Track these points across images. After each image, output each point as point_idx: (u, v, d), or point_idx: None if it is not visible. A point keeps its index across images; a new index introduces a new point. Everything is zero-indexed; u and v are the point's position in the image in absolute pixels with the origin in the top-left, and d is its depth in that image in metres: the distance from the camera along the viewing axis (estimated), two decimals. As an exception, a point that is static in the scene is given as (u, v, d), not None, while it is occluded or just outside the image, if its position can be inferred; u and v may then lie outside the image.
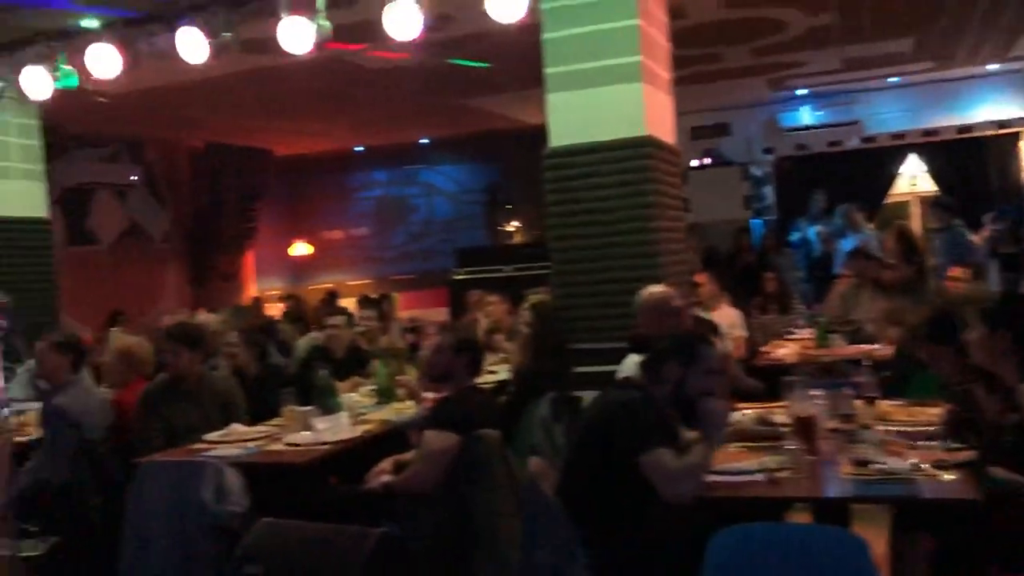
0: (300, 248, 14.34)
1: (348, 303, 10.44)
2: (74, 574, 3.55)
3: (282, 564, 2.79)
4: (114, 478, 4.24)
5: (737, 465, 2.88)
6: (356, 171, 14.34)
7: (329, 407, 4.30)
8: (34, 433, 4.49)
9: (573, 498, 2.77)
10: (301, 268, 14.48)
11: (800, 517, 2.73)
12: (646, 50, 4.62)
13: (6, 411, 2.46)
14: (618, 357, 4.14)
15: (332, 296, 11.32)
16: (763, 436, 3.20)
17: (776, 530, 2.30)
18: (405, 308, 10.79)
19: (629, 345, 4.03)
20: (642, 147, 4.55)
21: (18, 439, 4.25)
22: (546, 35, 4.71)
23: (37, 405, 4.64)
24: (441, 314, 10.58)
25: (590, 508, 2.75)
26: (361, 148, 13.63)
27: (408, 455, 3.82)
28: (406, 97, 9.74)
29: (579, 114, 4.62)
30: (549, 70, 4.71)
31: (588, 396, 4.43)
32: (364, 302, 9.19)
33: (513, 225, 13.15)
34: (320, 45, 5.07)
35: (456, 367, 3.71)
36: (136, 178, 11.52)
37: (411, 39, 4.90)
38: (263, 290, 13.25)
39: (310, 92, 8.96)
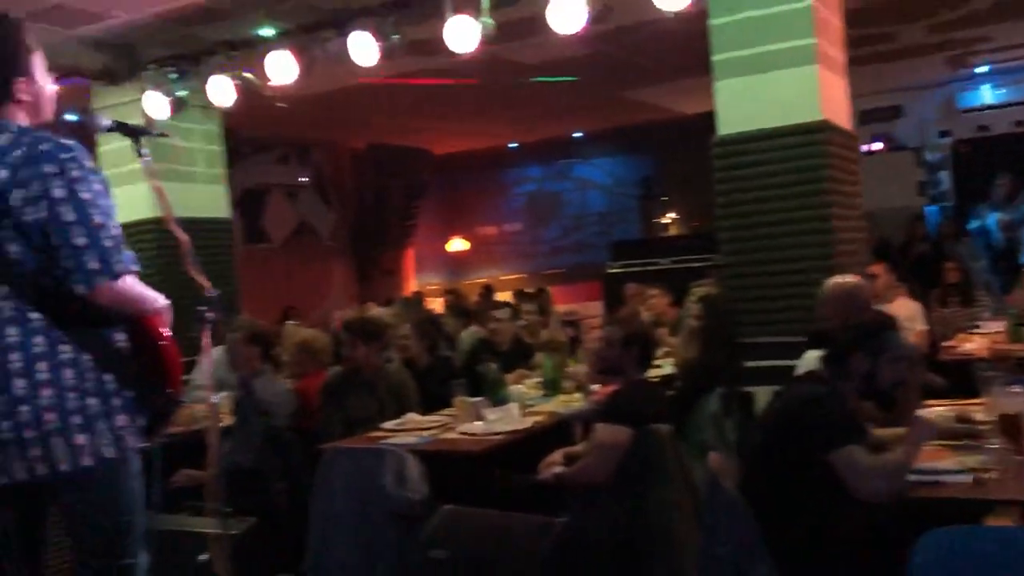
0: (457, 244, 14.67)
1: (503, 297, 10.59)
2: (266, 554, 3.75)
3: (465, 550, 2.86)
4: (297, 463, 4.48)
5: (936, 464, 2.71)
6: (510, 167, 14.52)
7: (499, 398, 4.37)
8: (225, 419, 4.78)
9: (757, 495, 2.69)
10: (458, 263, 14.81)
11: (996, 521, 2.55)
12: (820, 31, 4.43)
13: (216, 397, 2.63)
14: (790, 351, 4.00)
15: (488, 291, 11.53)
16: (961, 434, 3.00)
17: (993, 533, 2.15)
18: (559, 302, 10.82)
19: (809, 339, 3.87)
20: (818, 132, 4.37)
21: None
22: (713, 21, 4.60)
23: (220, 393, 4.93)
24: (596, 307, 10.56)
25: (775, 506, 2.66)
26: (515, 144, 13.79)
27: (578, 447, 3.82)
28: (562, 91, 9.77)
29: (750, 100, 4.49)
30: (717, 57, 4.60)
31: (759, 391, 4.33)
32: (521, 296, 9.30)
33: (669, 217, 12.96)
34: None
35: (626, 360, 3.68)
36: (307, 179, 12.11)
37: (574, 32, 4.90)
38: (422, 285, 13.65)
39: (469, 91, 9.12)
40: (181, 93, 6.43)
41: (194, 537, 3.28)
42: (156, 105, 6.38)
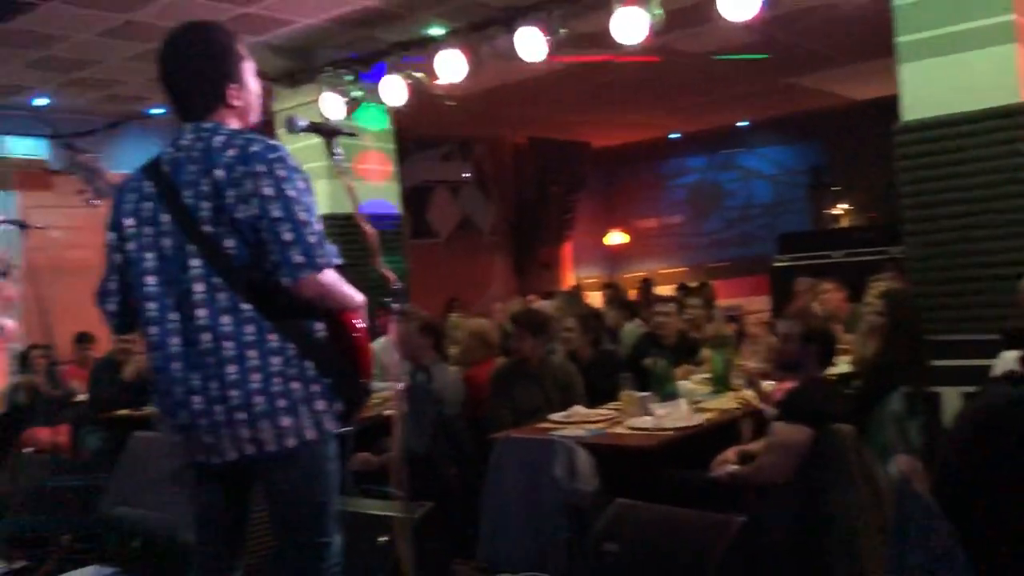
0: (615, 237, 14.60)
1: (662, 291, 10.45)
2: (441, 538, 3.86)
3: (638, 544, 2.85)
4: (468, 451, 4.60)
5: None
6: (671, 158, 14.31)
7: (667, 393, 4.32)
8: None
9: (953, 502, 2.54)
10: (616, 257, 14.74)
11: None
12: (1021, 6, 4.12)
13: (400, 384, 2.74)
14: (983, 350, 3.75)
15: (647, 284, 11.41)
16: None
17: None
18: (721, 296, 10.58)
19: (1004, 338, 3.62)
20: (1017, 116, 4.07)
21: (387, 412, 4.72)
22: (897, 1, 4.37)
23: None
24: (760, 302, 10.25)
25: (976, 514, 2.50)
26: (677, 135, 13.58)
27: (752, 445, 3.73)
28: (727, 79, 9.53)
29: (938, 83, 4.23)
30: (901, 38, 4.36)
31: (947, 392, 4.09)
32: (685, 290, 9.15)
33: (840, 208, 12.39)
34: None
35: (805, 357, 3.56)
36: (469, 175, 12.40)
37: (748, 19, 4.77)
38: (580, 278, 13.67)
39: (630, 82, 9.05)
40: (356, 93, 6.72)
41: (374, 519, 3.41)
42: (333, 106, 6.69)
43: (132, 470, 4.41)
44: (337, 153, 2.55)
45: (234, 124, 2.34)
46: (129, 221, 2.29)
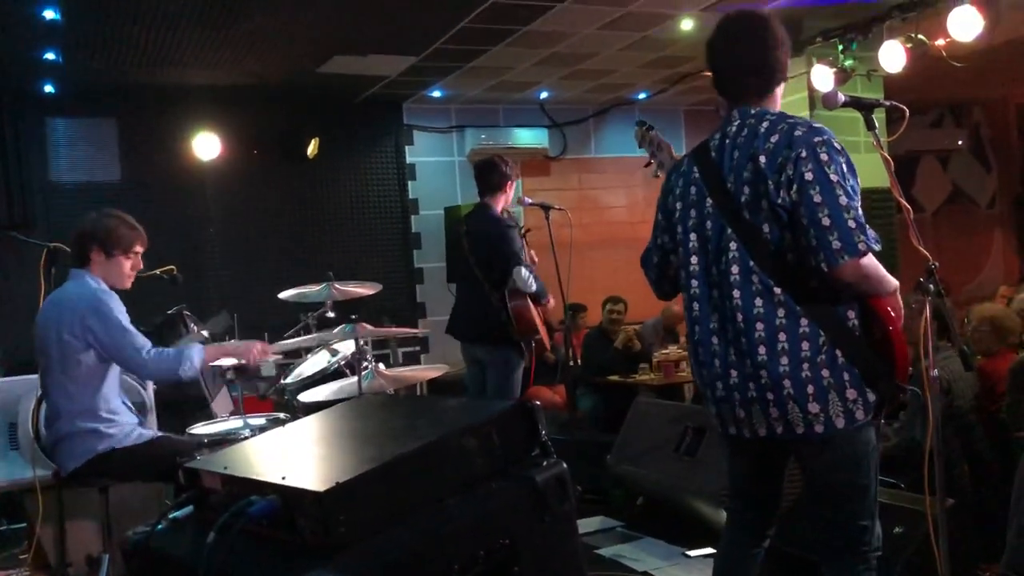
0: None
1: None
2: (958, 537, 3.57)
3: None
4: (980, 448, 4.19)
5: None
6: None
7: None
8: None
9: None
10: None
11: None
12: None
13: (935, 372, 2.58)
14: None
15: None
16: None
17: None
18: None
19: None
20: None
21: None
22: None
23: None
24: None
25: None
26: None
27: None
28: None
29: None
30: None
31: None
32: None
33: None
34: None
35: None
36: (961, 142, 11.25)
37: None
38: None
39: None
40: (847, 63, 6.42)
41: (887, 508, 3.27)
42: (822, 78, 6.47)
43: (636, 433, 4.74)
44: (874, 127, 2.47)
45: (777, 109, 2.37)
46: (677, 204, 2.44)
